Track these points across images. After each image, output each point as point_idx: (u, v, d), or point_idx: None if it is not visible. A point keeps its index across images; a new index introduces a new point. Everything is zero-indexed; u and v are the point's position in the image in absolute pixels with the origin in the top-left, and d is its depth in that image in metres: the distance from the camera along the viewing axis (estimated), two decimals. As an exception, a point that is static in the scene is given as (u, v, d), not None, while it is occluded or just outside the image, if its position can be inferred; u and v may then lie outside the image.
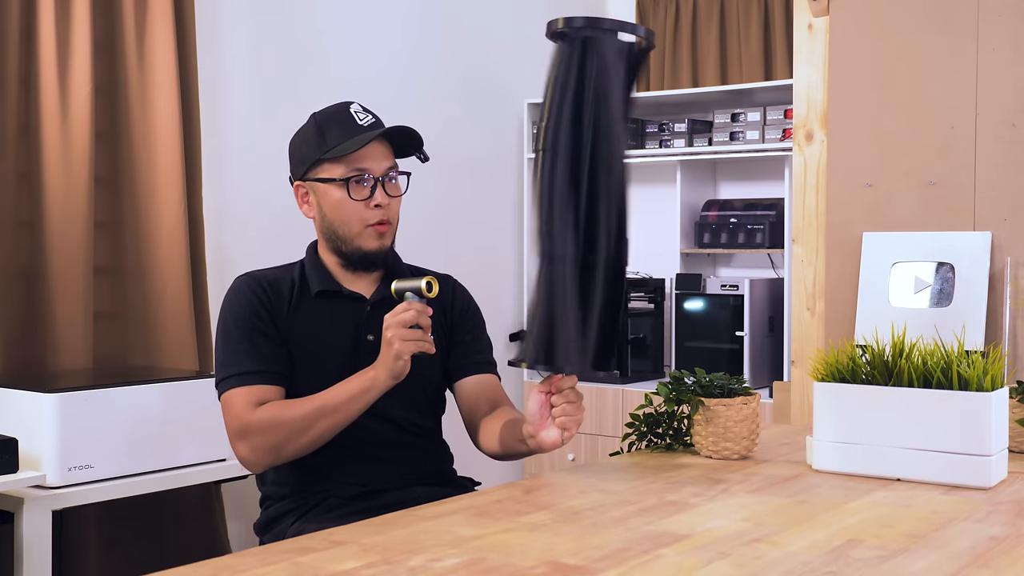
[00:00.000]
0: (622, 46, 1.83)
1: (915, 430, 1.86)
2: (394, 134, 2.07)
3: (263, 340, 2.01)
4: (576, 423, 1.86)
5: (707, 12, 4.87)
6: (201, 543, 3.33)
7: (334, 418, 1.94)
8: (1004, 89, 2.55)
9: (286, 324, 2.05)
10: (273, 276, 2.09)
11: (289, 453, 1.97)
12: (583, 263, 1.78)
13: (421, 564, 1.36)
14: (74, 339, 3.07)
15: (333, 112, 2.07)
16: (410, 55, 4.26)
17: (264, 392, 1.99)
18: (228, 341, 2.03)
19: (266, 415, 1.95)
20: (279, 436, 1.94)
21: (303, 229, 2.52)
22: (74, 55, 3.09)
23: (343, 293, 2.09)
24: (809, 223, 2.85)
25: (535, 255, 1.81)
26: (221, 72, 3.61)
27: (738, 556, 1.41)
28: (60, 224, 3.05)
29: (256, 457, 1.97)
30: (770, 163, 4.61)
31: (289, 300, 2.07)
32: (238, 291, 2.06)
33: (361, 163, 2.03)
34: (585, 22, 1.81)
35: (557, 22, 1.81)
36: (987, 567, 1.38)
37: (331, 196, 2.04)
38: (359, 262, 2.08)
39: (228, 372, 2.00)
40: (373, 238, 2.05)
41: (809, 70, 2.86)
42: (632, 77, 1.85)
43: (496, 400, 2.13)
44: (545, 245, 1.79)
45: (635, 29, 1.85)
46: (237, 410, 1.98)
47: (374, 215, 2.04)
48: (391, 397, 1.98)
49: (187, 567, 1.35)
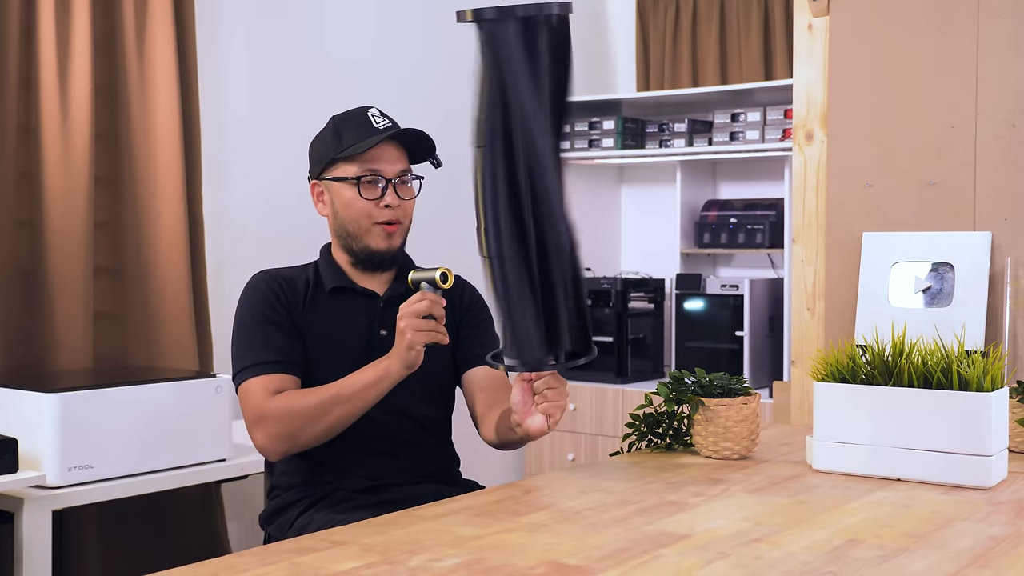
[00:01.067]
0: (537, 24, 1.74)
1: (915, 430, 1.86)
2: (409, 139, 2.13)
3: (279, 332, 2.06)
4: (560, 408, 1.87)
5: (707, 12, 4.87)
6: (201, 543, 3.33)
7: (348, 406, 1.97)
8: (1004, 89, 2.55)
9: (302, 320, 2.09)
10: (289, 274, 2.15)
11: (304, 441, 1.99)
12: (532, 257, 1.76)
13: (421, 564, 1.36)
14: (74, 339, 3.07)
15: (351, 115, 2.14)
16: (410, 54, 4.26)
17: (281, 381, 2.02)
18: (244, 333, 2.07)
19: (282, 403, 1.98)
20: (295, 423, 1.97)
21: (303, 229, 2.54)
22: (74, 55, 3.09)
23: (357, 290, 2.14)
24: (809, 223, 2.85)
25: (482, 256, 1.78)
26: (221, 72, 3.61)
27: (738, 556, 1.41)
28: (60, 224, 3.05)
29: (272, 445, 2.00)
30: (770, 163, 4.61)
31: (304, 296, 2.11)
32: (255, 286, 2.11)
33: (374, 164, 2.09)
34: (493, 12, 1.74)
35: (466, 13, 1.76)
36: (987, 567, 1.38)
37: (343, 195, 2.10)
38: (368, 260, 2.13)
39: (245, 363, 2.04)
40: (382, 237, 2.10)
41: (809, 70, 2.86)
42: (560, 52, 1.76)
43: (499, 392, 2.15)
44: (491, 246, 1.77)
45: (548, 6, 1.74)
46: (254, 399, 2.01)
47: (383, 214, 2.09)
48: (407, 391, 2.02)
49: (187, 567, 1.36)
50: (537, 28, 1.74)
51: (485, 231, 1.78)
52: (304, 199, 2.27)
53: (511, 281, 1.76)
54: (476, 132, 1.78)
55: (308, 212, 2.32)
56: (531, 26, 1.74)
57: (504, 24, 1.74)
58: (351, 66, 4.03)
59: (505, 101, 1.75)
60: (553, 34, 1.75)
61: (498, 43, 1.74)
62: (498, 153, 1.75)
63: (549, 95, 1.76)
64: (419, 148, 2.16)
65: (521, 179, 1.75)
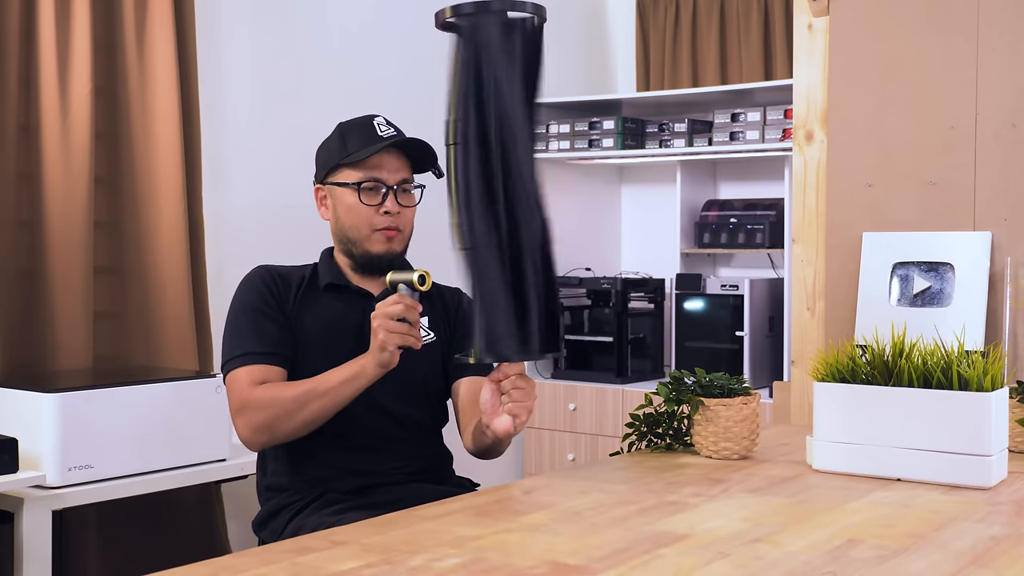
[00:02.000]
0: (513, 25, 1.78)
1: (915, 430, 1.86)
2: (411, 148, 2.16)
3: (268, 323, 2.09)
4: (526, 409, 1.87)
5: (707, 12, 4.87)
6: (201, 543, 3.33)
7: (324, 401, 1.99)
8: (1004, 89, 2.55)
9: (292, 312, 2.12)
10: (286, 271, 2.19)
11: (283, 433, 2.02)
12: (504, 250, 1.77)
13: (421, 564, 1.37)
14: (74, 339, 3.07)
15: (357, 122, 2.18)
16: (410, 54, 4.26)
17: (267, 372, 2.06)
18: (235, 324, 2.12)
19: (263, 393, 2.02)
20: (272, 414, 2.00)
21: (303, 228, 2.54)
22: (74, 55, 3.09)
23: (351, 288, 2.17)
24: (809, 223, 2.85)
25: (456, 249, 1.80)
26: (221, 72, 3.61)
27: (738, 556, 1.41)
28: (60, 224, 3.05)
29: (251, 434, 2.03)
30: (770, 163, 4.61)
31: (297, 290, 2.15)
32: (250, 280, 2.15)
33: (376, 172, 2.12)
34: (473, 7, 1.77)
35: (444, 12, 1.79)
36: (987, 567, 1.38)
37: (345, 200, 2.13)
38: (367, 265, 2.16)
39: (233, 353, 2.09)
40: (381, 242, 2.13)
41: (809, 70, 2.86)
42: (533, 55, 1.79)
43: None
44: (465, 239, 1.78)
45: (523, 6, 1.78)
46: (239, 388, 2.05)
47: (383, 221, 2.12)
48: (388, 391, 2.05)
49: (187, 567, 1.36)
50: (513, 29, 1.77)
51: (459, 225, 1.79)
52: (304, 199, 2.28)
53: (482, 274, 1.77)
54: (450, 130, 1.79)
55: (308, 212, 2.33)
56: (508, 26, 1.77)
57: (483, 20, 1.76)
58: (351, 66, 4.03)
59: (480, 101, 1.76)
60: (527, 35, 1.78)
61: (477, 40, 1.76)
62: (472, 149, 1.76)
63: (522, 94, 1.78)
64: (422, 157, 2.18)
65: (495, 173, 1.76)
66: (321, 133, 2.27)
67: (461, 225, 1.79)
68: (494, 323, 1.78)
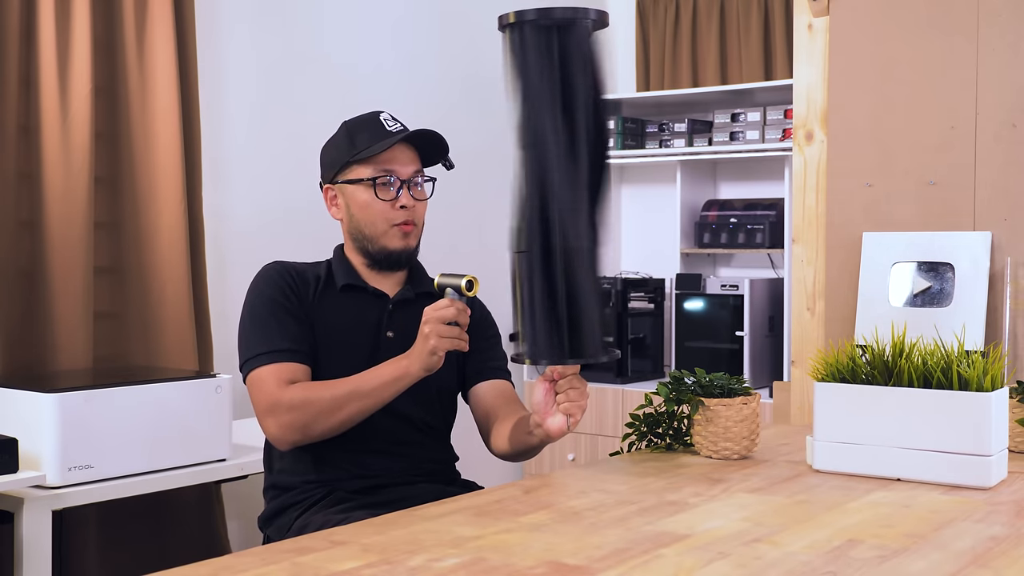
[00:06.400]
0: (580, 30, 1.82)
1: (915, 430, 1.86)
2: (422, 141, 2.15)
3: (290, 320, 2.06)
4: (580, 408, 1.88)
5: (707, 12, 4.87)
6: (201, 543, 3.33)
7: (365, 402, 1.97)
8: (1004, 89, 2.55)
9: (311, 311, 2.09)
10: (301, 267, 2.16)
11: (317, 433, 1.99)
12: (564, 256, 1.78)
13: (421, 564, 1.36)
14: (74, 339, 3.07)
15: (363, 119, 2.15)
16: (410, 53, 4.26)
17: (293, 370, 2.02)
18: (256, 321, 2.07)
19: (297, 394, 1.98)
20: (309, 415, 1.97)
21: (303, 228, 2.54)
22: (74, 55, 3.09)
23: (367, 290, 2.14)
24: (809, 223, 2.85)
25: (513, 252, 1.81)
26: (221, 72, 3.61)
27: (738, 556, 1.41)
28: (60, 224, 3.05)
29: (284, 435, 1.99)
30: (770, 163, 4.61)
31: (315, 289, 2.12)
32: (266, 275, 2.11)
33: (388, 165, 2.10)
34: (537, 13, 1.79)
35: (508, 16, 1.80)
36: (987, 567, 1.38)
37: (358, 197, 2.11)
38: (384, 261, 2.13)
39: (257, 351, 2.04)
40: (398, 238, 2.11)
41: (809, 70, 2.86)
42: (595, 60, 1.83)
43: (509, 404, 2.16)
44: (523, 241, 1.79)
45: (587, 12, 1.82)
46: (267, 387, 2.00)
47: (399, 215, 2.10)
48: (407, 395, 2.02)
49: (187, 567, 1.35)
50: (586, 32, 1.86)
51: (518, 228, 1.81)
52: (304, 198, 2.27)
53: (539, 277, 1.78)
54: (521, 132, 1.82)
55: (308, 211, 2.32)
56: (584, 30, 1.86)
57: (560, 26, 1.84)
58: (351, 66, 4.03)
59: (552, 101, 1.81)
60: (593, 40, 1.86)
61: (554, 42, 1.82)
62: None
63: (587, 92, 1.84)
64: (431, 150, 2.17)
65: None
66: (321, 132, 2.25)
67: (520, 229, 1.80)
68: (551, 325, 1.78)
